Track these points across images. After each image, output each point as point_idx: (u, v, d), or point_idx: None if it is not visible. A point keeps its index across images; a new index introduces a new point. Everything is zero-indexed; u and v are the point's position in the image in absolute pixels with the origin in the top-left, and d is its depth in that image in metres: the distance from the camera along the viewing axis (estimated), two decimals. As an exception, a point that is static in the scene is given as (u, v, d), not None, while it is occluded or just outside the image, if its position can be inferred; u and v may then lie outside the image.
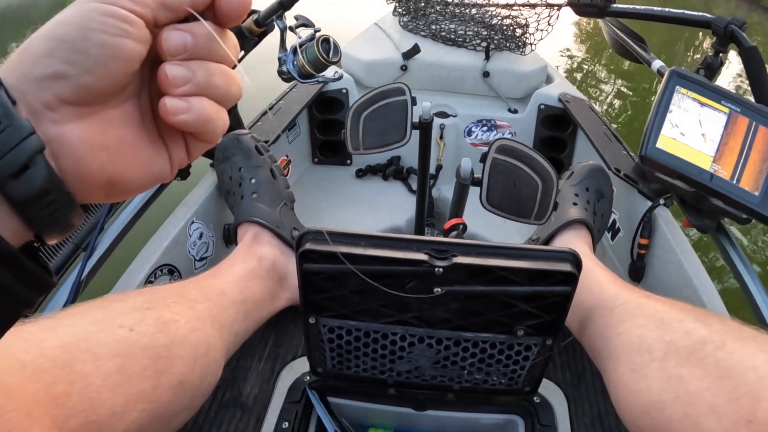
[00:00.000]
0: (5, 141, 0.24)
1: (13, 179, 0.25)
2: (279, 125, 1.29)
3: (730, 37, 1.05)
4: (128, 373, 0.48)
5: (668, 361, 0.53)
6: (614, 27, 1.43)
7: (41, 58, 0.26)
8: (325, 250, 0.58)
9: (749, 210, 0.83)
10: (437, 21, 1.67)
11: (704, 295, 0.86)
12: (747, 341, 0.51)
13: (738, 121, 0.84)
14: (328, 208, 1.39)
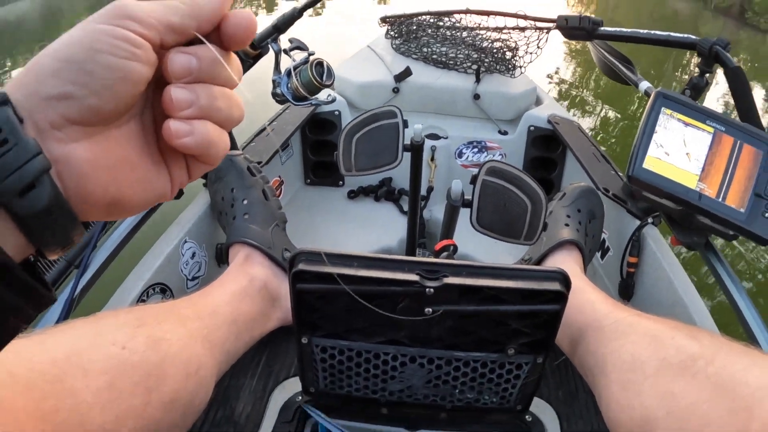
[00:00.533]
0: (12, 160, 0.25)
1: (19, 197, 0.25)
2: (272, 146, 1.30)
3: (715, 58, 1.07)
4: (119, 389, 0.49)
5: (660, 377, 0.54)
6: (602, 49, 1.46)
7: (49, 77, 0.26)
8: (318, 271, 0.59)
9: (736, 227, 0.84)
10: (428, 44, 1.70)
11: (694, 312, 0.88)
12: (738, 356, 0.52)
13: (723, 141, 0.86)
14: (321, 229, 1.40)
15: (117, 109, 0.28)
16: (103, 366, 0.49)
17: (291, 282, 0.60)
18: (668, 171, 0.85)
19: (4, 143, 0.25)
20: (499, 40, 1.65)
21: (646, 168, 0.84)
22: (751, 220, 0.83)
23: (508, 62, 1.63)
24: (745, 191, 0.85)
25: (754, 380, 0.47)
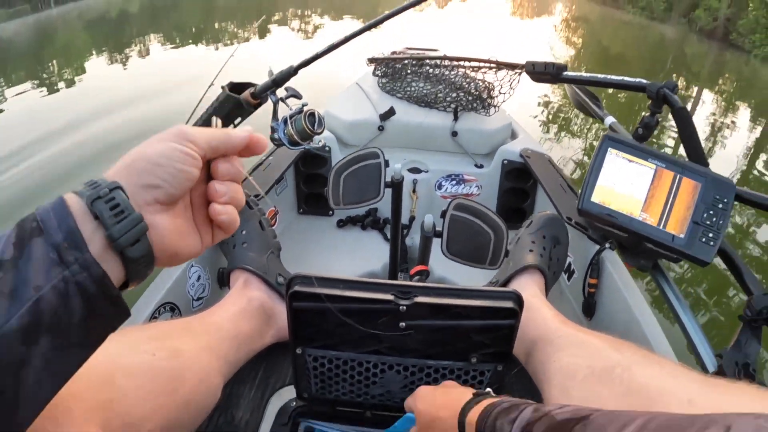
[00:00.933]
0: (129, 224, 0.40)
1: (130, 246, 0.40)
2: (269, 180, 1.43)
3: (663, 100, 1.18)
4: (151, 388, 0.61)
5: (587, 382, 0.66)
6: (575, 88, 1.58)
7: (144, 174, 0.42)
8: (310, 292, 0.71)
9: (676, 251, 0.96)
10: (410, 84, 1.83)
11: (646, 326, 0.99)
12: (650, 365, 0.64)
13: (663, 175, 0.98)
14: (313, 255, 1.52)
15: (181, 194, 0.44)
16: (139, 369, 0.61)
17: (288, 301, 0.72)
18: (614, 203, 0.97)
19: (122, 213, 0.40)
20: (475, 80, 1.78)
21: (594, 201, 0.97)
22: (690, 244, 0.95)
23: (483, 101, 1.76)
24: (684, 219, 0.97)
25: (658, 384, 0.59)
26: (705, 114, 7.90)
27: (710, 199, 0.96)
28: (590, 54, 12.88)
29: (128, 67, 9.01)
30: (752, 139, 6.89)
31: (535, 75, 1.35)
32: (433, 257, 1.05)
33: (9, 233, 0.37)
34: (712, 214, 0.95)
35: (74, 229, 0.38)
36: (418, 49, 2.41)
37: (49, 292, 0.35)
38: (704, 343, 0.95)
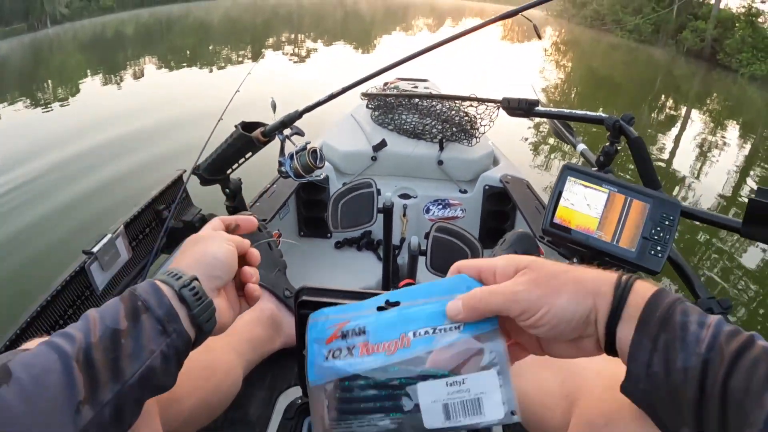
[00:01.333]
0: (206, 306, 0.55)
1: (206, 322, 0.55)
2: (273, 206, 1.59)
3: (619, 130, 1.34)
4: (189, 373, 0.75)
5: (534, 367, 0.80)
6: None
7: (210, 268, 0.58)
8: (315, 300, 0.86)
9: (629, 263, 1.09)
10: (401, 116, 1.99)
11: None
12: None
13: (616, 198, 1.13)
14: (313, 272, 1.67)
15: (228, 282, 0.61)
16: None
17: (296, 309, 0.87)
18: (573, 223, 1.13)
19: (201, 299, 0.54)
20: (459, 113, 1.95)
21: (556, 222, 1.13)
22: (640, 257, 1.09)
23: (467, 132, 1.93)
24: (634, 235, 1.11)
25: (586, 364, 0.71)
26: (694, 133, 8.04)
27: (658, 216, 1.09)
28: (579, 77, 13.08)
29: (122, 88, 9.23)
30: (741, 156, 7.06)
31: (510, 110, 1.49)
32: (420, 273, 1.21)
33: (113, 307, 0.50)
34: (659, 230, 1.09)
35: (171, 308, 0.52)
36: (409, 80, 2.60)
37: (159, 354, 0.50)
38: None
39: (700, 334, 0.41)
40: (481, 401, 0.48)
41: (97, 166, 4.60)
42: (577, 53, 19.33)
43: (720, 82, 16.58)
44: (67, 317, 1.00)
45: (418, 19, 31.61)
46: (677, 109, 10.66)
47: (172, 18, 28.04)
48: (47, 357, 0.44)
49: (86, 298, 1.06)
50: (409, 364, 0.49)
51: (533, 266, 0.49)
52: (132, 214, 1.18)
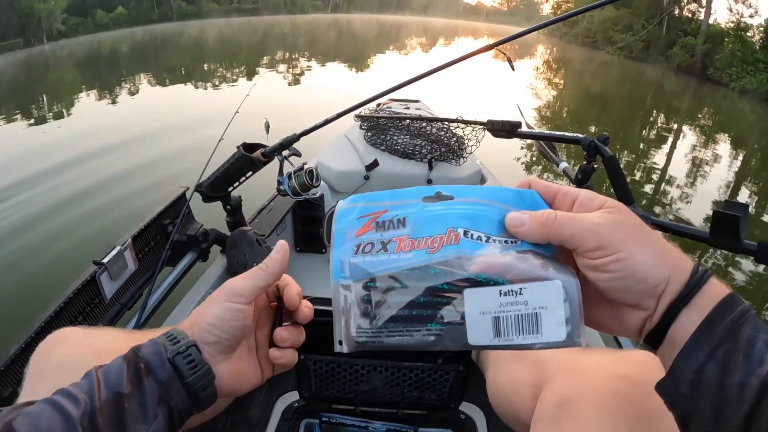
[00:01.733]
0: (203, 374, 0.50)
1: (202, 391, 0.50)
2: (271, 223, 1.67)
3: (595, 150, 1.41)
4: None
5: (508, 362, 0.87)
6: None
7: (206, 334, 0.52)
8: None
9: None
10: (392, 137, 2.09)
11: (588, 338, 1.21)
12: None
13: None
14: (309, 287, 1.74)
15: (239, 343, 0.55)
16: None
17: None
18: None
19: (196, 366, 0.50)
20: (448, 134, 2.05)
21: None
22: None
23: (455, 152, 2.02)
24: None
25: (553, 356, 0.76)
26: (685, 148, 8.18)
27: None
28: (571, 96, 13.25)
29: (117, 106, 9.33)
30: (733, 170, 7.18)
31: (495, 131, 1.57)
32: None
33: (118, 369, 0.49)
34: None
35: (171, 372, 0.50)
36: (401, 101, 2.70)
37: (162, 418, 0.49)
38: (629, 347, 1.17)
39: (765, 355, 0.38)
40: (539, 317, 0.41)
41: (92, 182, 4.72)
42: (568, 71, 19.56)
43: (710, 96, 16.77)
44: (77, 323, 1.05)
45: (411, 39, 31.92)
46: (668, 125, 10.82)
47: (167, 37, 28.25)
48: (52, 419, 0.44)
49: (95, 305, 1.12)
50: (455, 266, 0.42)
51: (621, 208, 0.43)
52: (139, 228, 1.25)
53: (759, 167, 7.94)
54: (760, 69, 17.98)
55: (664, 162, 7.13)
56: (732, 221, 1.09)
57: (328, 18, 57.88)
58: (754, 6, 23.24)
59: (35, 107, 9.66)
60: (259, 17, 51.71)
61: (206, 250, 1.45)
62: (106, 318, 1.15)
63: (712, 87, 18.61)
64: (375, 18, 64.46)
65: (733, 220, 1.08)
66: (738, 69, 18.61)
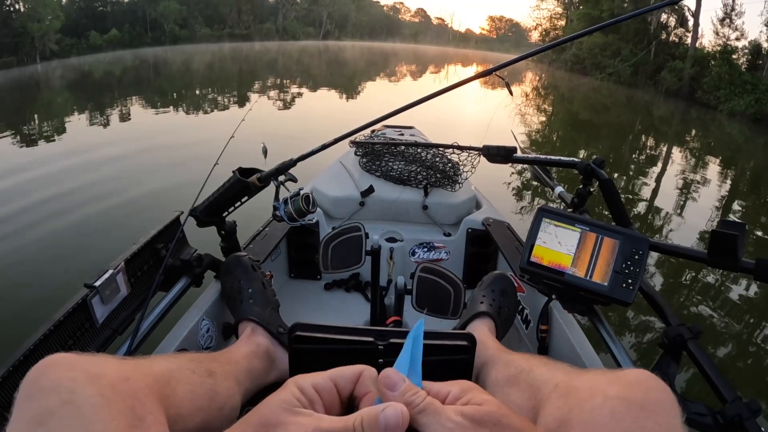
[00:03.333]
0: None
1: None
2: (266, 249, 1.66)
3: (591, 174, 1.43)
4: (193, 395, 0.81)
5: (504, 386, 0.87)
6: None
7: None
8: (308, 335, 0.92)
9: (602, 296, 1.17)
10: (387, 163, 2.10)
11: (586, 358, 1.21)
12: (546, 366, 0.85)
13: (588, 236, 1.22)
14: (303, 313, 1.73)
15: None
16: (186, 379, 0.82)
17: (290, 342, 0.93)
18: (548, 262, 1.21)
19: None
20: (443, 160, 2.06)
21: (533, 261, 1.21)
22: (613, 290, 1.16)
23: (450, 178, 2.03)
24: (606, 270, 1.19)
25: (549, 379, 0.78)
26: (675, 171, 8.27)
27: (628, 252, 1.18)
28: (560, 121, 13.40)
29: (109, 128, 9.38)
30: (724, 191, 7.28)
31: (490, 157, 1.59)
32: (407, 312, 1.28)
33: None
34: (630, 264, 1.17)
35: None
36: (396, 127, 2.72)
37: None
38: (629, 366, 1.15)
39: None
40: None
41: (83, 205, 4.73)
42: (557, 97, 19.81)
43: (699, 120, 17.01)
44: (67, 348, 1.03)
45: (402, 66, 32.31)
46: (657, 149, 10.96)
47: (159, 61, 28.45)
48: None
49: (86, 330, 1.10)
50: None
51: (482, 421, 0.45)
52: (132, 252, 1.23)
53: (750, 187, 8.08)
54: (748, 90, 18.30)
55: (655, 184, 7.21)
56: (730, 240, 1.10)
57: (320, 45, 58.56)
58: (740, 29, 23.79)
59: (26, 127, 9.68)
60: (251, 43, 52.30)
61: (200, 275, 1.43)
62: (96, 343, 1.12)
63: (701, 110, 18.90)
64: (366, 45, 65.28)
65: (731, 239, 1.09)
66: (726, 91, 18.94)
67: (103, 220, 4.38)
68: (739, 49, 22.77)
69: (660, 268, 3.97)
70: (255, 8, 66.67)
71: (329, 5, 74.86)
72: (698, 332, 1.13)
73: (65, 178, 5.53)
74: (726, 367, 2.92)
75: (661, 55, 25.22)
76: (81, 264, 3.48)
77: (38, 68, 23.53)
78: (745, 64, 21.58)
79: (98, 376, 0.61)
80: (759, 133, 15.01)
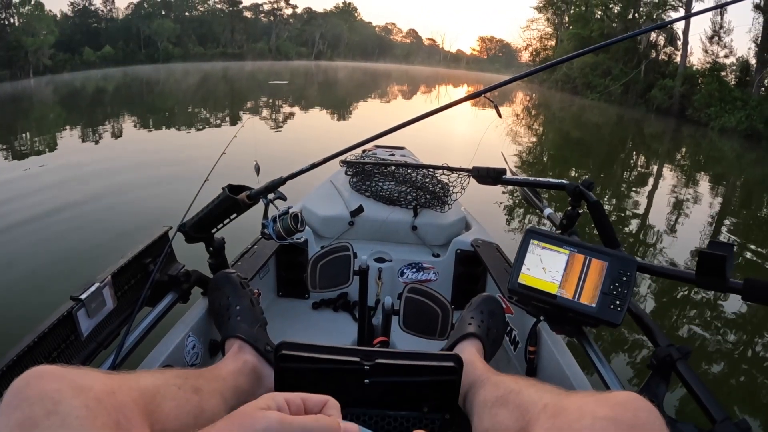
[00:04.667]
0: None
1: None
2: (254, 266, 1.65)
3: (580, 195, 1.43)
4: (179, 411, 0.80)
5: (494, 407, 0.87)
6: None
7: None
8: (294, 354, 0.92)
9: (591, 317, 1.17)
10: (377, 183, 2.10)
11: (574, 380, 1.21)
12: (536, 389, 0.85)
13: (575, 258, 1.22)
14: (290, 332, 1.72)
15: None
16: (170, 395, 0.82)
17: (276, 361, 0.92)
18: (537, 283, 1.21)
19: None
20: (433, 180, 2.07)
21: (521, 282, 1.21)
22: (601, 311, 1.15)
23: (440, 199, 2.04)
24: (595, 292, 1.18)
25: (537, 400, 0.79)
26: (666, 189, 8.34)
27: (616, 273, 1.18)
28: (551, 141, 13.50)
29: (100, 145, 9.39)
30: (715, 208, 7.36)
31: (480, 178, 1.59)
32: (395, 333, 1.28)
33: None
34: (618, 285, 1.16)
35: None
36: (387, 147, 2.73)
37: None
38: (618, 388, 1.15)
39: None
40: None
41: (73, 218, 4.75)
42: (548, 116, 19.98)
43: (690, 137, 17.17)
44: (51, 360, 1.02)
45: (393, 86, 32.54)
46: (648, 167, 11.07)
47: (152, 79, 28.51)
48: None
49: (71, 343, 1.08)
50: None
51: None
52: (119, 265, 1.22)
53: (740, 205, 8.18)
54: (738, 107, 18.52)
55: (646, 203, 7.27)
56: (718, 261, 1.10)
57: (311, 65, 58.96)
58: (729, 46, 24.20)
59: (18, 142, 9.66)
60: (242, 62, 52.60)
61: (187, 291, 1.42)
62: (81, 356, 1.11)
63: (692, 127, 19.08)
64: (359, 66, 65.79)
65: (719, 259, 1.10)
66: (717, 108, 19.16)
67: (90, 235, 4.37)
68: (728, 65, 23.20)
69: (648, 288, 3.98)
70: (248, 27, 67.33)
71: (322, 25, 75.71)
72: (687, 352, 1.13)
73: (53, 195, 5.50)
74: (716, 387, 2.93)
75: (651, 74, 25.53)
76: (66, 280, 3.47)
77: (31, 83, 23.49)
78: (734, 80, 21.91)
79: (84, 389, 0.61)
80: (750, 148, 15.18)
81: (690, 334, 3.46)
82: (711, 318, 3.73)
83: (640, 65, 25.86)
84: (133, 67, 37.81)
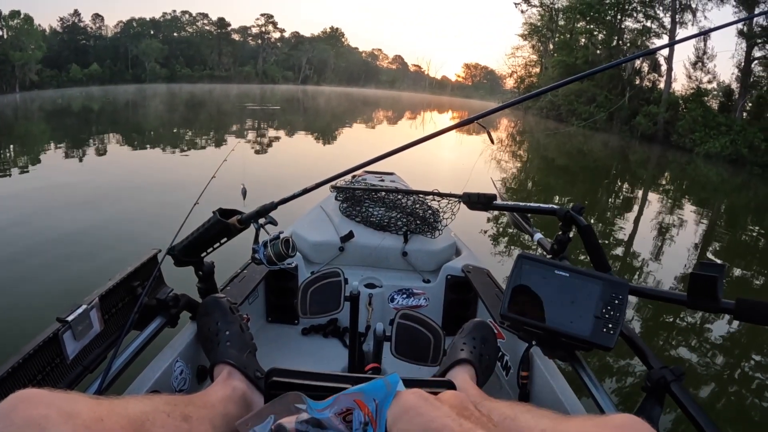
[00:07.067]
0: None
1: None
2: (243, 291, 1.63)
3: (570, 220, 1.44)
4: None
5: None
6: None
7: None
8: (284, 381, 0.90)
9: (583, 341, 1.16)
10: (368, 209, 2.11)
11: (568, 404, 1.20)
12: (532, 414, 0.85)
13: (567, 283, 1.22)
14: (280, 358, 1.70)
15: None
16: (159, 422, 0.80)
17: (266, 389, 0.90)
18: (529, 308, 1.20)
19: None
20: (423, 206, 2.08)
21: (513, 307, 1.20)
22: (594, 335, 1.14)
23: (430, 225, 2.05)
24: (587, 315, 1.18)
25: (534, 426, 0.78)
26: (651, 214, 8.43)
27: (608, 297, 1.17)
28: (537, 168, 13.61)
29: (84, 163, 9.32)
30: (700, 233, 7.43)
31: (471, 204, 1.60)
32: (386, 360, 1.27)
33: None
34: (610, 309, 1.16)
35: None
36: (376, 173, 2.74)
37: None
38: (613, 411, 1.14)
39: None
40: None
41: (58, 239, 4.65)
42: (533, 144, 20.19)
43: (675, 163, 17.37)
44: (36, 383, 0.99)
45: (378, 112, 32.81)
46: (633, 192, 11.19)
47: (137, 99, 28.53)
48: None
49: (56, 365, 1.06)
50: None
51: None
52: (107, 288, 1.20)
53: (725, 227, 8.31)
54: (723, 132, 18.80)
55: (632, 229, 7.32)
56: (710, 282, 1.11)
57: (298, 89, 59.38)
58: (712, 71, 24.71)
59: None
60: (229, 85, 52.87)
61: (176, 315, 1.40)
62: (67, 379, 1.08)
63: (676, 153, 19.32)
64: (345, 91, 66.34)
65: (711, 280, 1.10)
66: (701, 134, 19.44)
67: (76, 258, 4.29)
68: (711, 90, 23.65)
69: (639, 311, 4.00)
70: (236, 50, 67.76)
71: (309, 50, 76.38)
72: (681, 374, 1.13)
73: (38, 215, 5.43)
74: (707, 407, 2.92)
75: (635, 100, 25.92)
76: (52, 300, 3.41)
77: (17, 98, 23.32)
78: (717, 105, 22.32)
79: (72, 415, 0.60)
80: (735, 173, 15.39)
81: (680, 357, 3.47)
82: (700, 339, 3.75)
83: (625, 92, 26.31)
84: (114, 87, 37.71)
